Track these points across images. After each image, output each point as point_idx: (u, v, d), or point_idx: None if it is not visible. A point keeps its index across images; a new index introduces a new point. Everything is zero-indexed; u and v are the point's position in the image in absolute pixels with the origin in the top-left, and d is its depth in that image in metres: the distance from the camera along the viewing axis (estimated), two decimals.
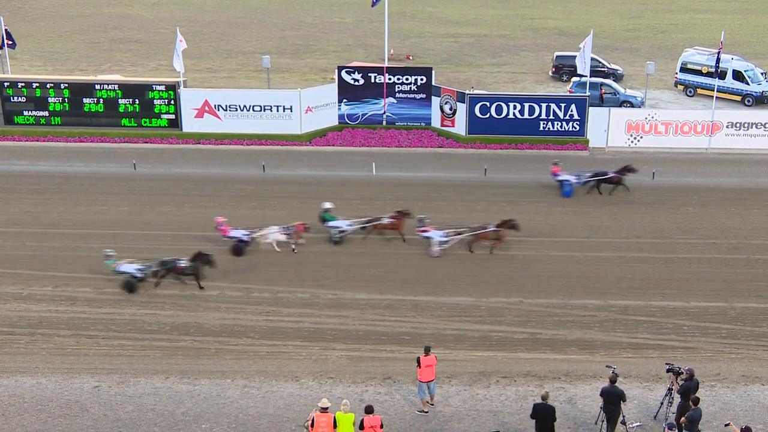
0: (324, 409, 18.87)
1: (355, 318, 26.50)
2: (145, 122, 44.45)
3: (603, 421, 20.18)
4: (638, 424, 20.96)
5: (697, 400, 19.24)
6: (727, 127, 43.56)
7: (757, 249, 31.75)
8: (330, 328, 25.94)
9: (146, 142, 43.94)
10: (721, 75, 48.58)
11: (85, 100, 44.20)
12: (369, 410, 18.99)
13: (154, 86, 44.32)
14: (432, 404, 21.67)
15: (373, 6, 47.68)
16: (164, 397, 22.28)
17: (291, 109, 44.17)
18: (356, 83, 44.86)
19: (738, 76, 51.25)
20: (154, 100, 44.22)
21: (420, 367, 21.14)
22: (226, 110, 44.34)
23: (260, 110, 44.32)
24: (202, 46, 64.51)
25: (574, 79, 50.11)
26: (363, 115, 45.30)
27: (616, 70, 55.51)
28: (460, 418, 21.40)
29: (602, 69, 53.73)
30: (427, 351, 21.26)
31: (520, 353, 24.59)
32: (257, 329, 25.89)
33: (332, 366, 23.87)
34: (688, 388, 19.80)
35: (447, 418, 21.32)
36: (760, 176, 40.16)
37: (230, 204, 35.91)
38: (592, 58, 46.28)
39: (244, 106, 44.31)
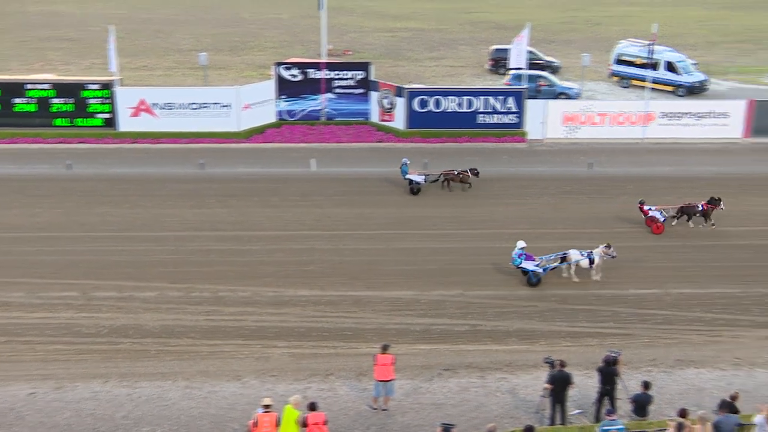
0: (267, 407, 18.72)
1: (297, 315, 26.36)
2: (79, 122, 43.64)
3: (544, 409, 20.43)
4: (579, 411, 21.22)
5: (647, 384, 19.57)
6: (660, 117, 44.40)
7: (692, 236, 32.41)
8: (272, 325, 25.76)
9: (81, 142, 43.14)
10: (654, 66, 49.50)
11: (16, 101, 43.19)
12: (313, 407, 18.87)
13: (89, 85, 43.54)
14: (385, 408, 21.36)
15: (319, 8, 46.72)
16: (103, 401, 21.87)
17: (228, 106, 43.77)
18: (294, 79, 44.64)
19: (670, 67, 52.24)
20: (89, 100, 43.43)
21: (376, 365, 20.98)
22: (162, 109, 43.76)
23: (197, 108, 43.84)
24: (138, 44, 63.57)
25: (511, 72, 50.58)
26: (302, 111, 45.11)
27: (553, 62, 56.17)
28: (404, 411, 21.41)
29: (539, 61, 54.31)
30: (384, 349, 21.02)
31: (461, 345, 24.71)
32: (198, 329, 25.58)
33: (274, 364, 23.71)
34: (604, 373, 20.18)
35: (390, 412, 21.31)
36: (692, 165, 41.00)
37: (168, 203, 35.46)
38: (528, 51, 46.74)
39: (181, 104, 43.78)
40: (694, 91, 52.00)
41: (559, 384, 20.08)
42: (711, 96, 51.70)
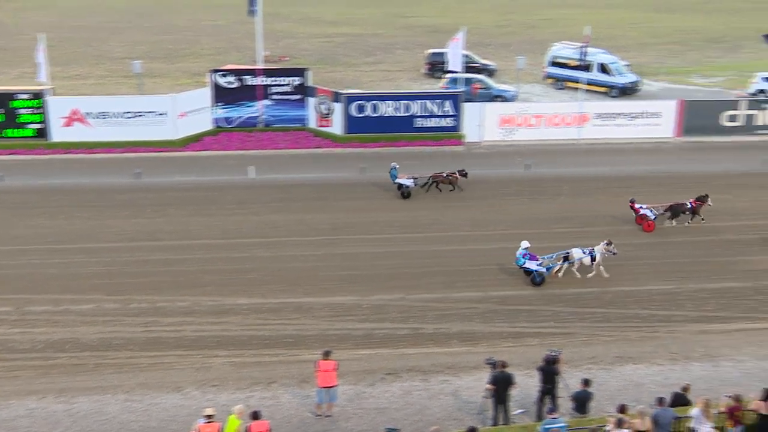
0: (209, 417, 18.49)
1: (238, 323, 26.11)
2: (9, 133, 42.65)
3: (487, 410, 20.56)
4: (522, 410, 21.39)
5: (587, 382, 19.82)
6: (594, 118, 45.11)
7: (626, 234, 32.93)
8: (212, 335, 25.47)
9: (12, 154, 42.19)
10: (588, 68, 50.28)
11: None
12: (256, 416, 18.70)
13: (18, 95, 42.61)
14: (329, 415, 21.27)
15: (249, 15, 46.30)
16: (39, 419, 21.36)
17: (164, 114, 43.21)
18: (231, 86, 44.29)
19: (603, 69, 53.13)
20: (20, 110, 42.48)
21: (318, 372, 20.86)
22: (96, 118, 43.01)
23: (132, 117, 43.21)
24: (70, 52, 62.43)
25: (448, 75, 50.92)
26: (239, 117, 44.78)
27: (489, 65, 56.67)
28: (348, 417, 21.35)
29: (475, 65, 54.75)
30: (326, 355, 20.88)
31: (403, 349, 24.73)
32: (137, 341, 25.17)
33: (215, 374, 23.44)
34: (545, 372, 20.44)
35: (333, 419, 21.23)
36: (626, 164, 41.72)
37: (104, 214, 34.87)
38: (464, 55, 47.08)
39: (116, 113, 43.10)
40: (627, 92, 52.97)
41: (501, 384, 20.25)
42: (643, 96, 52.73)
